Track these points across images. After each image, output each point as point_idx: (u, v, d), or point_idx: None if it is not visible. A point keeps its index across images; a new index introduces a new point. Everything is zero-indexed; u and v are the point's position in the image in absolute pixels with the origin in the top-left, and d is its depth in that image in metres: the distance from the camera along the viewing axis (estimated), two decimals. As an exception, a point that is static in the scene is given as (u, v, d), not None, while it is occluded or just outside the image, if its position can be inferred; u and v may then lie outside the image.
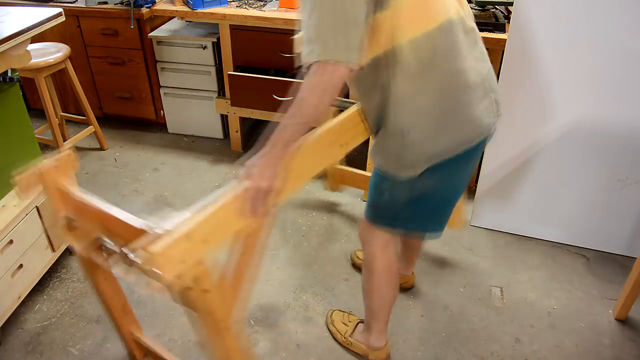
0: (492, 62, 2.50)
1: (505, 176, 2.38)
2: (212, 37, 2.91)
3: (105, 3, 2.92)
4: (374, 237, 1.62)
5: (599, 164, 2.20)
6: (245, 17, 2.67)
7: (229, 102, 2.96)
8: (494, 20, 2.43)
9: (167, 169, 3.05)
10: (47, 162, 1.32)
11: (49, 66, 2.66)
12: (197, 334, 1.72)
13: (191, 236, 1.09)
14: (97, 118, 3.15)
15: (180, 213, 1.13)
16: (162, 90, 3.16)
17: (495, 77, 1.41)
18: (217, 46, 2.92)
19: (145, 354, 1.84)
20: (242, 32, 2.76)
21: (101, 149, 3.22)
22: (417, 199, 1.44)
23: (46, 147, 3.12)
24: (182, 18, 2.88)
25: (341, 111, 1.52)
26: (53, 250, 2.16)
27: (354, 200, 2.77)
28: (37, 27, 1.94)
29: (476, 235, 2.51)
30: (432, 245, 2.46)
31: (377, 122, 1.37)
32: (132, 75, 3.13)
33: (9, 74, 1.94)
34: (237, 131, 3.14)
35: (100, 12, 2.92)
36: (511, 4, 2.25)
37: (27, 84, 3.30)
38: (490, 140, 1.46)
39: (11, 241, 1.91)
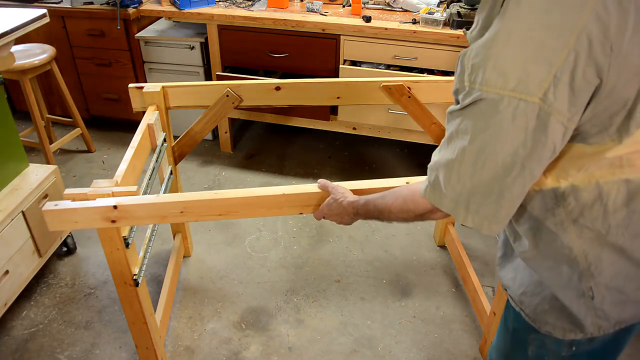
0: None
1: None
2: (200, 37, 2.88)
3: (91, 3, 2.88)
4: None
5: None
6: (233, 17, 2.64)
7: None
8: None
9: (156, 170, 3.02)
10: None
11: (34, 68, 2.62)
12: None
13: None
14: (84, 120, 3.11)
15: None
16: (150, 91, 3.12)
17: None
18: (205, 47, 2.89)
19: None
20: (230, 32, 2.74)
21: (89, 151, 3.18)
22: None
23: (32, 149, 3.08)
24: (169, 18, 2.85)
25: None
26: (40, 255, 2.12)
27: (344, 201, 2.76)
28: (21, 28, 1.91)
29: (467, 236, 2.51)
30: (423, 246, 2.46)
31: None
32: (119, 76, 3.09)
33: (-7, 77, 1.91)
34: (226, 132, 3.11)
35: (86, 13, 2.88)
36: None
37: (12, 86, 3.25)
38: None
39: (-4, 247, 1.88)
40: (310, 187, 1.41)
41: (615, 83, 0.78)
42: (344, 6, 2.78)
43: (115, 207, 1.32)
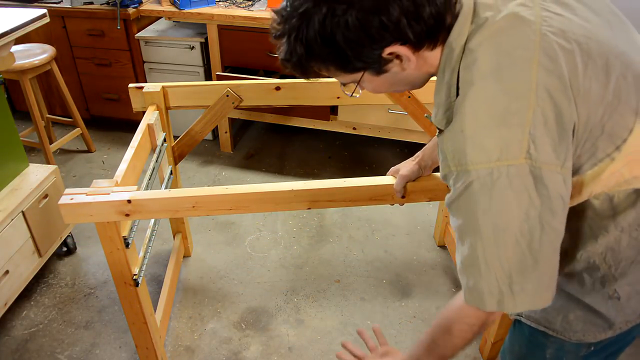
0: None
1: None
2: (200, 37, 2.88)
3: (91, 3, 2.88)
4: None
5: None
6: (233, 17, 2.64)
7: (217, 102, 2.94)
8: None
9: (156, 170, 3.02)
10: None
11: (34, 68, 2.62)
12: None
13: None
14: (84, 120, 3.11)
15: None
16: (150, 91, 3.12)
17: None
18: (205, 47, 2.89)
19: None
20: (230, 32, 2.74)
21: (88, 151, 3.18)
22: None
23: (32, 149, 3.09)
24: (169, 18, 2.85)
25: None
26: (40, 255, 2.12)
27: (344, 201, 2.76)
28: (21, 28, 1.91)
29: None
30: (423, 246, 2.46)
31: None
32: (119, 76, 3.09)
33: (-7, 77, 1.91)
34: (226, 132, 3.11)
35: (86, 13, 2.88)
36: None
37: (12, 86, 3.25)
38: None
39: (-4, 247, 1.88)
40: (318, 183, 1.44)
41: (588, 116, 0.80)
42: (344, 6, 2.77)
43: (129, 201, 1.36)
